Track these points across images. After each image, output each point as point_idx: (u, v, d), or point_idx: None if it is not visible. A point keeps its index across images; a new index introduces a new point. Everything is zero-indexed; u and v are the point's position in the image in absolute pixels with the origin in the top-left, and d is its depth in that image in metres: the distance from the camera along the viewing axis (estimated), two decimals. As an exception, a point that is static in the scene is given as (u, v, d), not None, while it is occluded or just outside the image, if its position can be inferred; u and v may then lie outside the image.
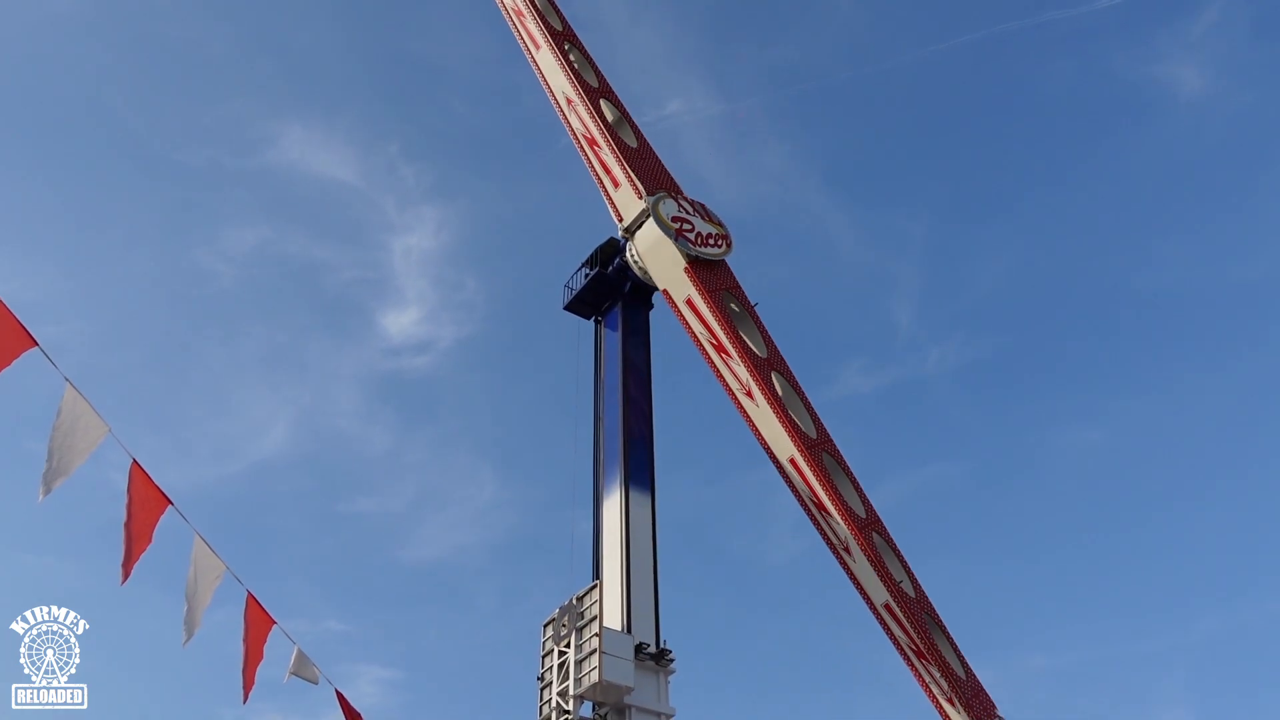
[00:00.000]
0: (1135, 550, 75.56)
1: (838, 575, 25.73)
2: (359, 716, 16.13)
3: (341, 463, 79.24)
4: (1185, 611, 71.53)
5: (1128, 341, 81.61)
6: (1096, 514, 77.20)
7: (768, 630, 74.29)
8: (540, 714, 27.67)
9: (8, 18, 74.46)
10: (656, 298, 34.16)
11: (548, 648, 28.51)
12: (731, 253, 29.07)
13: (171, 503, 12.95)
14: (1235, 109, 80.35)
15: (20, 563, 64.29)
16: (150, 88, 79.89)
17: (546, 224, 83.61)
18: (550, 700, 27.46)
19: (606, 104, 31.21)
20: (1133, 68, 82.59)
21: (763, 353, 27.34)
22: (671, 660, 28.15)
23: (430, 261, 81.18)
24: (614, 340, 33.58)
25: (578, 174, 30.62)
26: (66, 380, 11.70)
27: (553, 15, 33.29)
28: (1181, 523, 76.23)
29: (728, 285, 28.09)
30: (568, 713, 26.81)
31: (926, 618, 24.52)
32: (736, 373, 26.84)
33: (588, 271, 34.69)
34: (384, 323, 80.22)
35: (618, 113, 31.29)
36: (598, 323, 34.73)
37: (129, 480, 12.64)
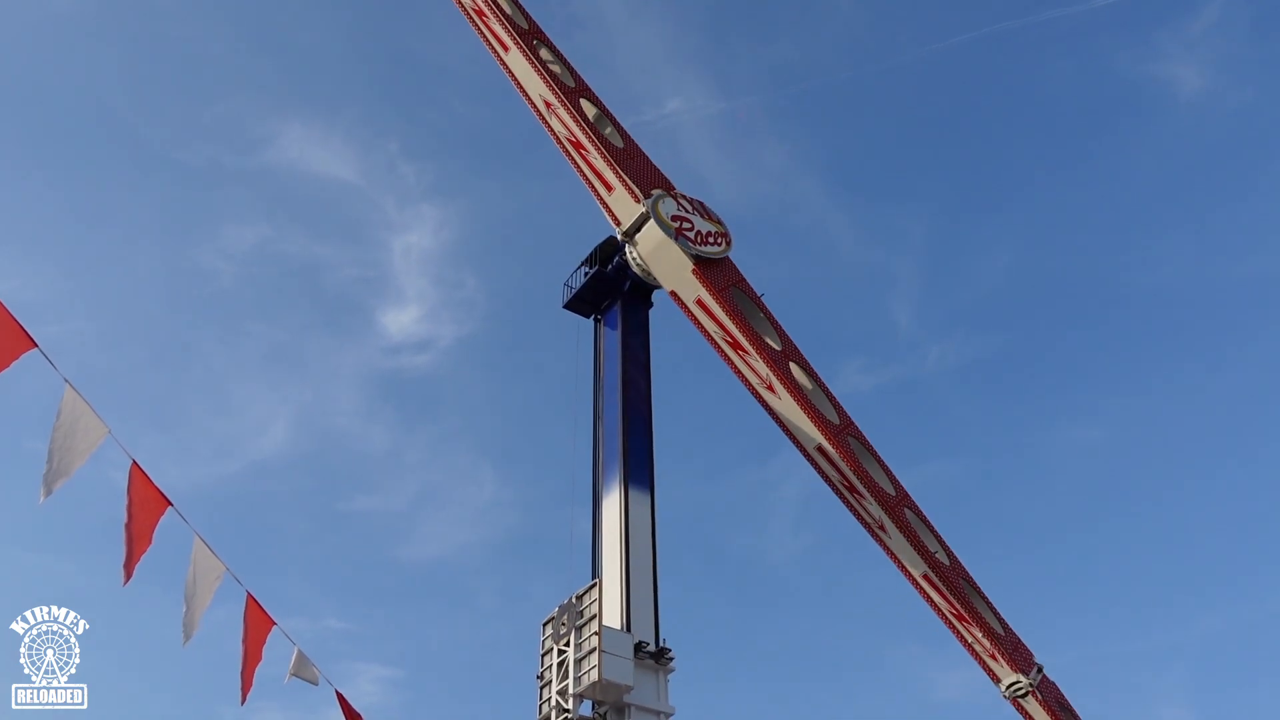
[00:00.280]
0: (1135, 548, 75.69)
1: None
2: (359, 717, 16.15)
3: (341, 461, 79.31)
4: (1185, 609, 71.66)
5: (1127, 339, 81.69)
6: (1096, 512, 77.31)
7: (767, 628, 74.39)
8: (540, 712, 27.71)
9: (8, 18, 74.47)
10: (656, 296, 34.17)
11: (547, 646, 28.54)
12: (731, 250, 29.01)
13: (171, 503, 12.96)
14: (1234, 107, 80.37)
15: (21, 562, 64.34)
16: (150, 87, 79.91)
17: (546, 222, 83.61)
18: (550, 699, 27.49)
19: (586, 103, 29.69)
20: (1132, 66, 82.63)
21: (778, 345, 27.29)
22: (671, 659, 28.19)
23: (430, 260, 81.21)
24: (613, 339, 33.60)
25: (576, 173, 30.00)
26: (66, 381, 11.72)
27: (518, 13, 30.87)
28: (1181, 520, 76.35)
29: (735, 281, 27.90)
30: (567, 711, 26.84)
31: (963, 583, 25.51)
32: (755, 368, 26.80)
33: (587, 270, 34.71)
34: (384, 321, 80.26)
35: (597, 110, 29.72)
36: (597, 321, 34.76)
37: (129, 481, 12.66)
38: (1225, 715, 69.12)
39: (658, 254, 27.79)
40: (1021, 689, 24.67)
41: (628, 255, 30.10)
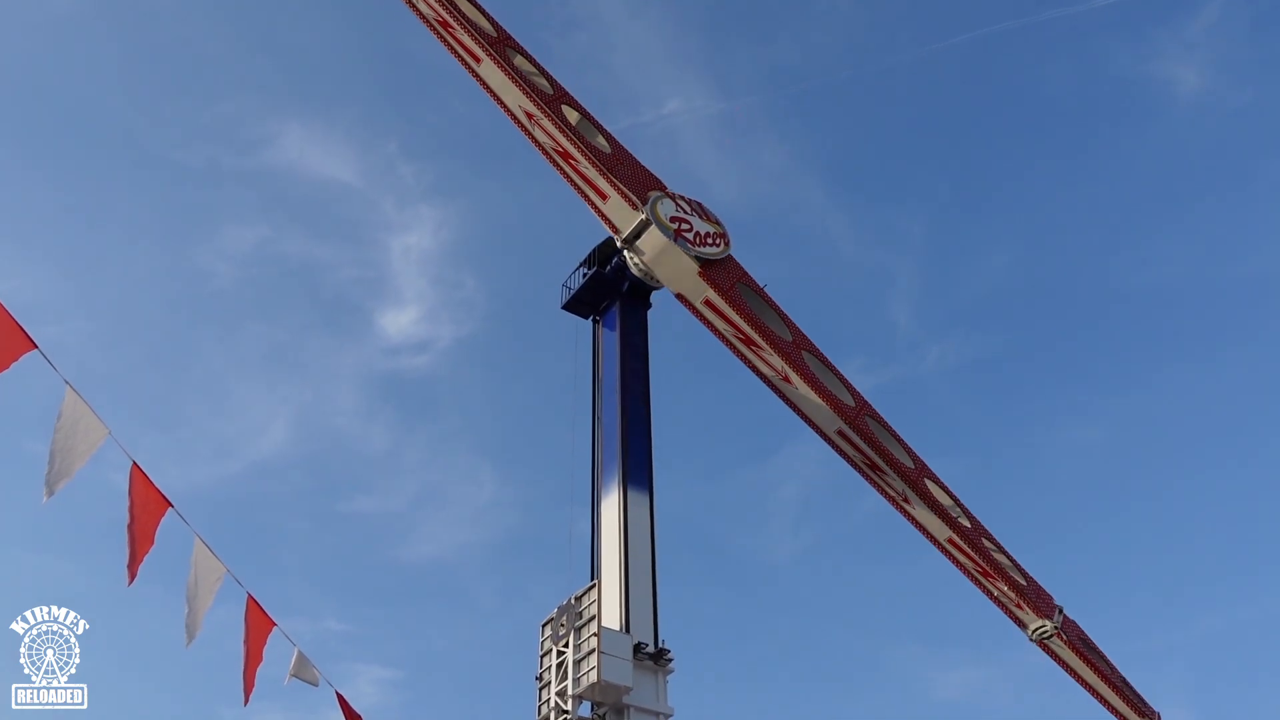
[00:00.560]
0: (1133, 547, 75.74)
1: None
2: (359, 718, 16.17)
3: (341, 462, 79.30)
4: (1185, 609, 71.70)
5: (1126, 339, 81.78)
6: (1095, 511, 77.37)
7: (767, 628, 74.40)
8: (539, 714, 27.70)
9: (7, 18, 74.42)
10: (655, 297, 34.20)
11: (546, 647, 28.54)
12: (730, 251, 29.01)
13: (172, 505, 12.98)
14: (1233, 108, 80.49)
15: (21, 563, 64.31)
16: (149, 87, 79.89)
17: (545, 223, 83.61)
18: (549, 700, 27.49)
19: (568, 109, 28.70)
20: (1131, 66, 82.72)
21: (788, 336, 27.51)
22: (670, 660, 28.18)
23: (429, 261, 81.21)
24: (612, 339, 33.61)
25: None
26: (67, 383, 11.73)
27: (483, 21, 29.06)
28: (1180, 520, 76.40)
29: (739, 278, 27.96)
30: (566, 712, 26.84)
31: (984, 541, 26.99)
32: (770, 362, 27.16)
33: (585, 271, 34.71)
34: (383, 322, 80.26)
35: (579, 115, 28.77)
36: (595, 322, 34.76)
37: (130, 482, 12.67)
38: (1225, 715, 69.14)
39: (662, 258, 27.71)
40: (1047, 632, 26.36)
41: (627, 259, 30.06)
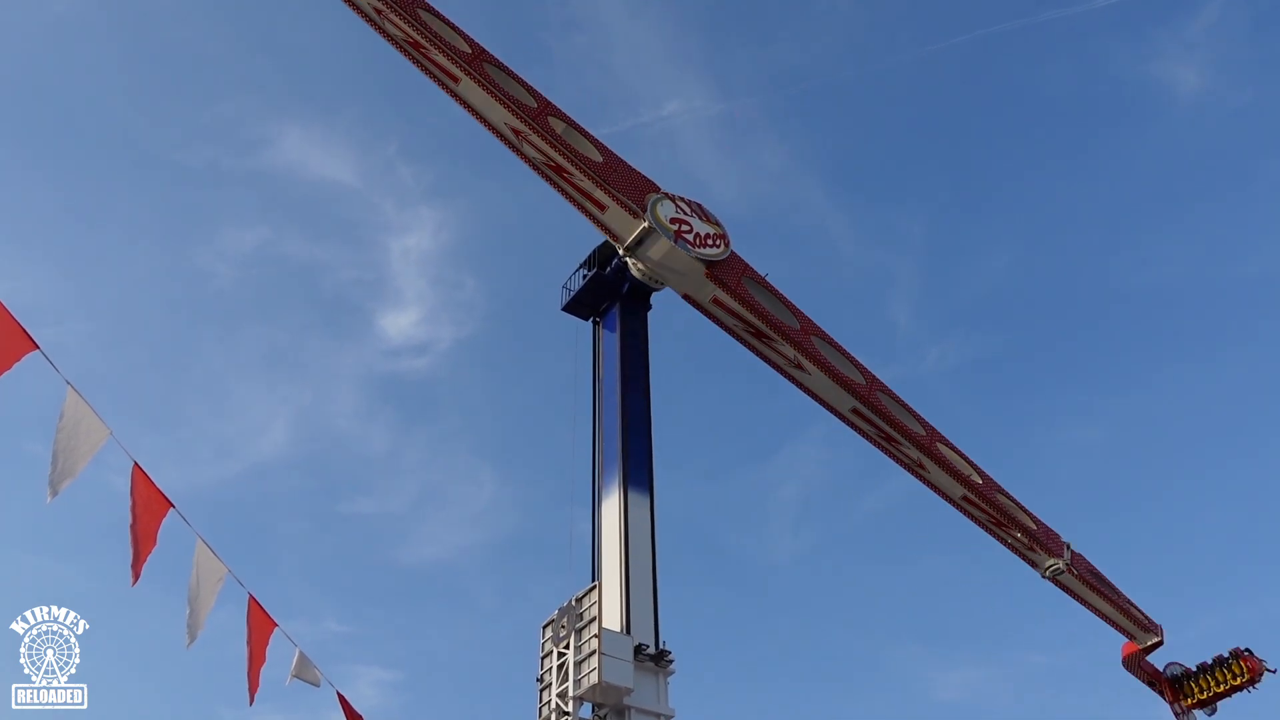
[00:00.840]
0: (1133, 548, 75.79)
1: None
2: (360, 718, 16.15)
3: (341, 463, 79.39)
4: (1184, 609, 71.71)
5: (1125, 339, 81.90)
6: (1095, 511, 77.42)
7: (767, 629, 74.46)
8: (540, 715, 27.68)
9: (8, 19, 74.49)
10: (654, 298, 34.21)
11: (547, 649, 28.51)
12: (729, 252, 29.03)
13: (173, 505, 12.97)
14: (1233, 108, 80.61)
15: (22, 564, 64.35)
16: (149, 89, 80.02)
17: (545, 224, 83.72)
18: (550, 701, 27.46)
19: (554, 119, 27.87)
20: (1131, 67, 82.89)
21: (796, 324, 28.03)
22: (671, 661, 28.15)
23: (429, 262, 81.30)
24: (612, 341, 33.60)
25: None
26: (68, 384, 11.72)
27: (457, 38, 27.69)
28: (1180, 520, 76.49)
29: (745, 272, 28.25)
30: (567, 714, 26.82)
31: (996, 494, 29.10)
32: (782, 351, 27.84)
33: (585, 272, 34.71)
34: (383, 323, 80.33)
35: (565, 124, 27.95)
36: (595, 323, 34.76)
37: (132, 483, 12.66)
38: (1225, 715, 69.12)
39: (667, 263, 27.79)
40: (1059, 569, 29.22)
41: (633, 268, 30.11)
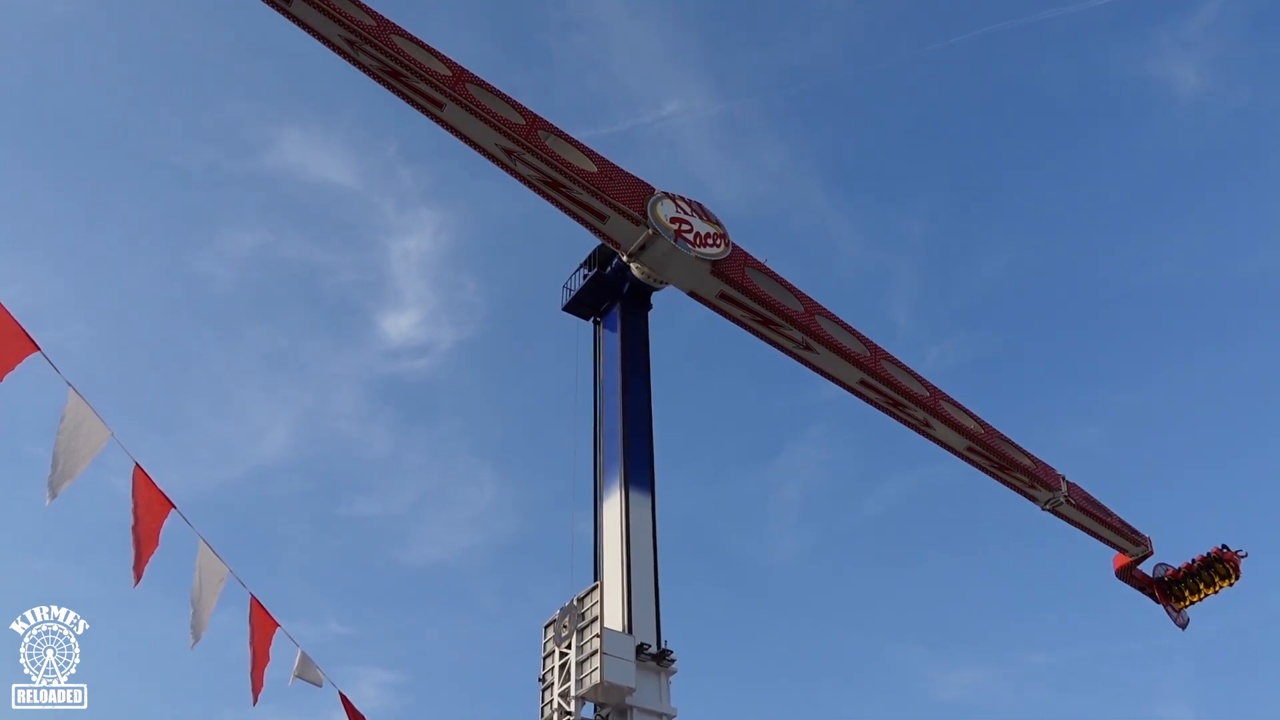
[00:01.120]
0: (1134, 547, 75.59)
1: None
2: (363, 718, 16.14)
3: (342, 465, 79.38)
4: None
5: (1126, 338, 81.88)
6: (1095, 511, 77.25)
7: (769, 629, 74.44)
8: (542, 715, 27.66)
9: (6, 21, 74.46)
10: (655, 298, 34.19)
11: (549, 649, 28.50)
12: (730, 250, 29.09)
13: (175, 506, 12.98)
14: (1232, 106, 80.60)
15: (23, 567, 64.33)
16: (149, 91, 79.97)
17: (545, 224, 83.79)
18: (552, 702, 27.45)
19: (543, 133, 27.08)
20: (1130, 65, 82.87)
21: (799, 307, 28.64)
22: (673, 660, 28.14)
23: (429, 263, 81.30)
24: (612, 341, 33.57)
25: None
26: (69, 385, 11.71)
27: (434, 60, 26.52)
28: (1181, 518, 76.40)
29: (748, 262, 28.61)
30: (569, 714, 26.81)
31: (996, 440, 30.99)
32: (789, 335, 28.63)
33: (586, 272, 34.67)
34: (384, 325, 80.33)
35: (552, 135, 27.24)
36: (596, 323, 34.72)
37: (133, 485, 12.66)
38: (1225, 714, 69.15)
39: (672, 265, 28.07)
40: (1058, 501, 31.34)
41: (636, 271, 30.18)
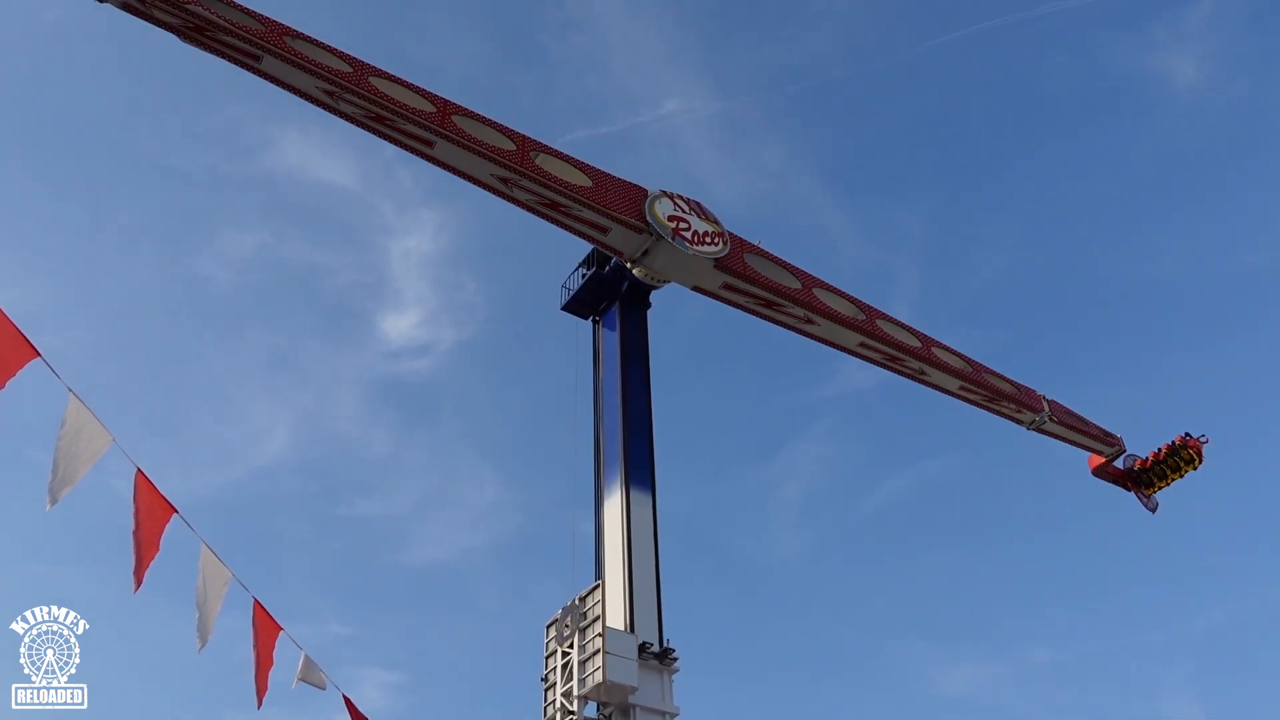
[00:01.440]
0: (1138, 543, 75.83)
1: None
2: (366, 720, 16.15)
3: (343, 466, 79.40)
4: (1188, 603, 71.81)
5: (1125, 334, 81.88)
6: (1096, 507, 77.47)
7: (771, 627, 74.46)
8: (544, 715, 27.66)
9: (5, 24, 74.47)
10: (654, 296, 34.17)
11: (551, 648, 28.50)
12: (728, 246, 29.17)
13: (176, 511, 12.98)
14: (1230, 100, 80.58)
15: (23, 569, 64.34)
16: (148, 93, 79.97)
17: (544, 225, 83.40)
18: (554, 701, 27.45)
19: (535, 154, 26.70)
20: (1127, 60, 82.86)
21: (798, 284, 29.96)
22: (675, 659, 28.14)
23: (429, 264, 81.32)
24: (612, 340, 33.55)
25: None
26: (70, 391, 11.72)
27: (417, 99, 25.68)
28: (1184, 515, 76.40)
29: (745, 249, 29.55)
30: (572, 713, 26.82)
31: (984, 375, 33.06)
32: (792, 312, 29.99)
33: (584, 272, 34.66)
34: (384, 326, 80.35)
35: (542, 153, 26.86)
36: (595, 323, 34.70)
37: (135, 489, 12.66)
38: (1229, 707, 69.20)
39: (674, 266, 28.85)
40: (1042, 421, 34.08)
41: (638, 273, 30.36)
